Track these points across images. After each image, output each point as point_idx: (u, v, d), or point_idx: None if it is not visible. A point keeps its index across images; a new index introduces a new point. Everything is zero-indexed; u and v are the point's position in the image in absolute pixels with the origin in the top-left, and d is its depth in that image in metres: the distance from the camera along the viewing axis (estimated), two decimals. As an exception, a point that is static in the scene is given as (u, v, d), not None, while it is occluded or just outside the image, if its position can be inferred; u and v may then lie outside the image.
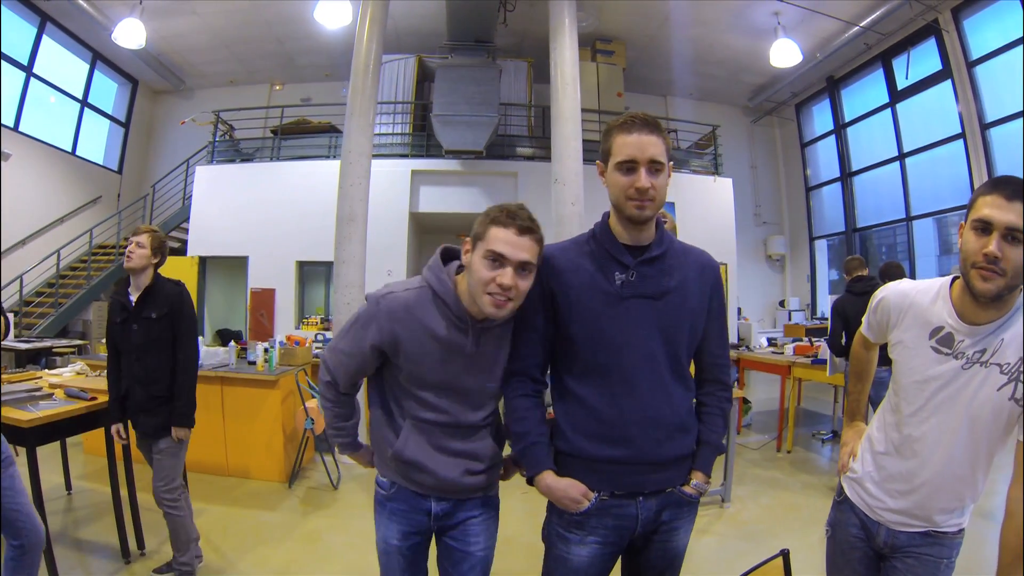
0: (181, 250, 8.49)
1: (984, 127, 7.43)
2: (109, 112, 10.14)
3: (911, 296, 1.38)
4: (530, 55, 8.79)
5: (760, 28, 8.21)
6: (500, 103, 7.72)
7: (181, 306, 2.62)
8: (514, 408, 1.45)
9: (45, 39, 8.51)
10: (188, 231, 8.30)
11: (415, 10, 8.11)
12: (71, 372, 3.69)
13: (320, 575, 2.93)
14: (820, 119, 10.87)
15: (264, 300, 7.96)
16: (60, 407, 2.65)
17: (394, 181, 7.60)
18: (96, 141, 10.02)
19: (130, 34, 7.65)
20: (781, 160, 11.66)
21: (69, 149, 9.36)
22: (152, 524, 3.01)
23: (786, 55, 8.09)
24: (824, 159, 10.83)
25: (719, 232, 8.23)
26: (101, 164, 10.11)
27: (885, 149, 9.23)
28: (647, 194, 1.30)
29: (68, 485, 3.81)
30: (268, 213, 7.88)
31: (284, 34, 8.97)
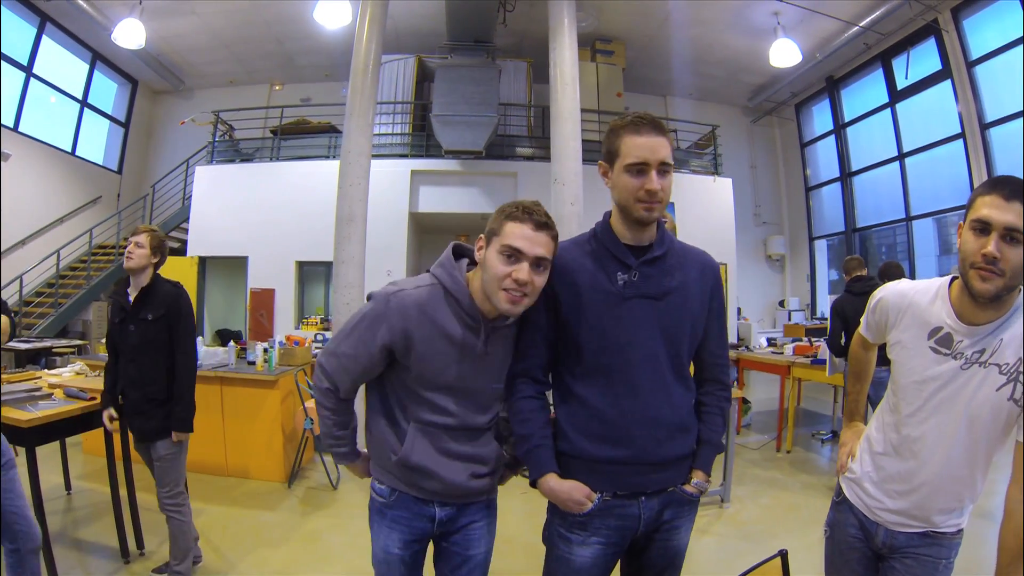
0: (181, 250, 8.49)
1: (984, 127, 7.44)
2: (109, 112, 10.15)
3: (909, 296, 1.38)
4: (530, 55, 8.79)
5: (760, 28, 8.21)
6: (500, 103, 7.73)
7: (179, 308, 2.56)
8: (518, 410, 1.43)
9: (45, 39, 8.51)
10: (188, 231, 8.31)
11: (415, 10, 8.11)
12: (70, 372, 3.69)
13: (319, 575, 2.93)
14: (820, 119, 10.87)
15: (264, 300, 7.96)
16: (59, 407, 2.65)
17: (394, 181, 7.61)
18: (96, 141, 10.02)
19: (130, 34, 7.66)
20: (781, 160, 11.66)
21: (69, 149, 9.37)
22: (151, 524, 3.02)
23: (786, 55, 8.10)
24: (824, 159, 10.83)
25: (719, 232, 8.24)
26: (101, 164, 10.12)
27: (885, 149, 9.23)
28: (656, 196, 1.31)
29: (68, 485, 3.81)
30: (268, 213, 7.89)
31: (284, 34, 8.97)
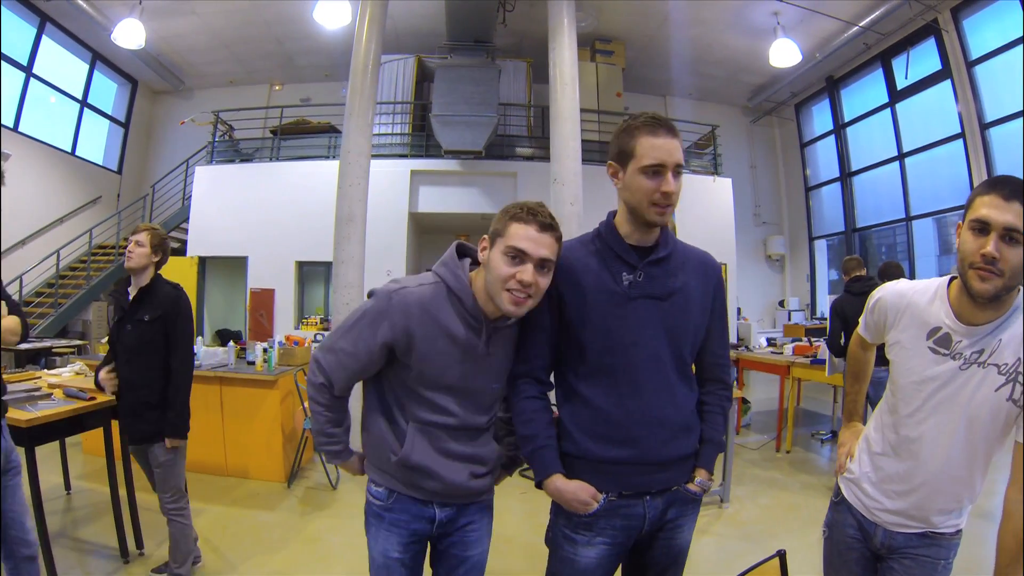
0: (181, 250, 8.49)
1: (984, 127, 7.44)
2: (109, 112, 10.15)
3: (908, 296, 1.37)
4: (529, 55, 8.78)
5: (759, 28, 8.21)
6: (499, 103, 7.71)
7: (177, 310, 2.51)
8: (522, 410, 1.42)
9: (45, 39, 8.51)
10: (188, 231, 8.31)
11: (414, 10, 8.11)
12: (70, 372, 3.68)
13: (319, 575, 2.93)
14: (820, 119, 10.86)
15: (263, 300, 7.95)
16: (59, 407, 2.65)
17: (393, 181, 7.60)
18: (96, 141, 10.02)
19: (130, 34, 7.66)
20: (780, 160, 11.65)
21: (69, 149, 9.37)
22: (151, 524, 3.01)
23: (785, 55, 8.10)
24: (823, 159, 10.83)
25: (719, 232, 8.23)
26: (101, 164, 10.12)
27: (885, 149, 9.23)
28: (671, 199, 1.32)
29: (67, 485, 3.81)
30: (268, 213, 7.88)
31: (284, 34, 8.97)
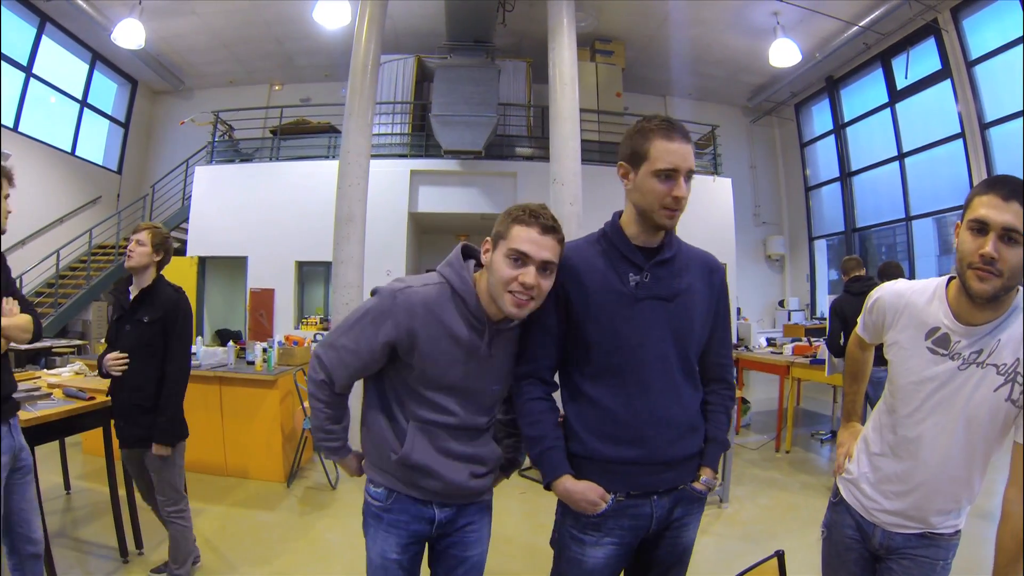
0: (181, 250, 8.47)
1: (983, 127, 7.43)
2: (109, 112, 10.14)
3: (907, 296, 1.37)
4: (529, 55, 8.78)
5: (759, 28, 8.21)
6: (499, 103, 7.71)
7: (176, 313, 2.47)
8: (528, 412, 1.42)
9: (45, 39, 8.51)
10: (188, 231, 8.30)
11: (414, 10, 8.11)
12: (70, 372, 3.69)
13: (319, 575, 2.93)
14: (819, 119, 10.86)
15: (263, 300, 7.95)
16: (59, 407, 2.65)
17: (393, 181, 7.60)
18: (96, 141, 10.02)
19: (129, 34, 7.66)
20: (780, 160, 11.65)
21: (69, 149, 9.36)
22: (150, 524, 3.00)
23: (785, 55, 8.09)
24: (823, 159, 10.82)
25: (718, 232, 8.22)
26: (101, 164, 10.11)
27: (884, 149, 9.23)
28: (681, 203, 1.33)
29: (67, 485, 3.81)
30: (267, 213, 7.88)
31: (283, 34, 8.97)
